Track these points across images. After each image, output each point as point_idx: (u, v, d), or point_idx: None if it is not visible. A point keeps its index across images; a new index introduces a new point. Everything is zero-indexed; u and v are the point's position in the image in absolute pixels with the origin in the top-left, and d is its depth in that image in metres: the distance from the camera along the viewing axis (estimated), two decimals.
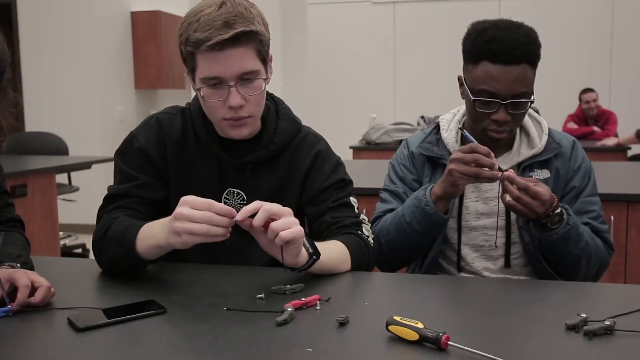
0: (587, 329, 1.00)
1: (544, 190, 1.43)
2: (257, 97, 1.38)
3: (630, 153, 5.69)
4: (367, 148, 5.69)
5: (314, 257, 1.25)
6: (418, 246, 1.62)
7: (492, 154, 1.45)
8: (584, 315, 1.04)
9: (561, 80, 6.90)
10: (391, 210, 1.66)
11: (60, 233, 4.94)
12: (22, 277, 1.16)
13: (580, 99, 6.47)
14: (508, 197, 1.44)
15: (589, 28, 7.10)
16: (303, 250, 1.24)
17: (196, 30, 1.30)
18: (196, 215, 1.14)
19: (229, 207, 1.16)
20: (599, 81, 6.99)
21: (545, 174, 1.61)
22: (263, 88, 1.39)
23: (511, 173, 1.44)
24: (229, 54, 1.31)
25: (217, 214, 1.14)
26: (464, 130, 1.60)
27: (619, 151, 5.61)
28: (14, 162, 3.99)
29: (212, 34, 1.29)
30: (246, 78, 1.35)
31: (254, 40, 1.34)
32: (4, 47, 1.11)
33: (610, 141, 5.74)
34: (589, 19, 7.09)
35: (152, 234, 1.26)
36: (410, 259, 1.70)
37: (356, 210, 1.51)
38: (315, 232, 1.46)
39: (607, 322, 1.01)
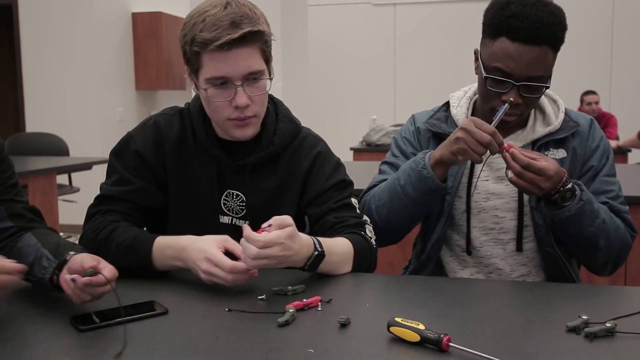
0: (588, 330, 1.00)
1: (548, 164, 1.35)
2: (262, 97, 1.39)
3: (634, 160, 5.69)
4: (368, 149, 5.70)
5: (305, 269, 1.27)
6: (409, 214, 1.54)
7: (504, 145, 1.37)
8: (585, 317, 1.04)
9: (561, 83, 6.86)
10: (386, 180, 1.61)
11: (61, 234, 4.94)
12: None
13: (582, 100, 6.48)
14: (511, 173, 1.38)
15: (589, 31, 7.10)
16: (304, 251, 1.24)
17: (202, 30, 1.30)
18: (221, 275, 1.21)
19: (242, 265, 1.19)
20: (600, 84, 7.00)
21: (561, 153, 1.54)
22: (268, 88, 1.40)
23: (514, 148, 1.36)
24: (236, 54, 1.32)
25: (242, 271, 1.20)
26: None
27: (620, 153, 5.61)
28: (15, 162, 3.97)
29: (219, 33, 1.29)
30: (252, 78, 1.36)
31: (260, 40, 1.35)
32: None
33: (611, 143, 5.74)
34: (589, 21, 7.10)
35: (171, 258, 1.31)
36: (400, 231, 1.62)
37: (358, 211, 1.51)
38: (319, 232, 1.46)
39: (608, 324, 1.01)
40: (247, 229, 1.18)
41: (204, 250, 1.22)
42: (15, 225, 1.33)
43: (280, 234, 1.18)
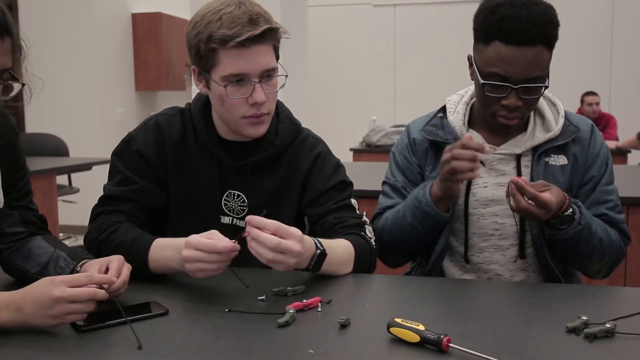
0: (588, 331, 1.01)
1: (551, 198, 1.36)
2: (275, 94, 1.42)
3: (633, 161, 5.69)
4: (367, 150, 5.70)
5: (310, 269, 1.27)
6: (422, 243, 1.58)
7: (486, 147, 1.39)
8: (584, 317, 1.04)
9: (561, 83, 6.89)
10: (392, 206, 1.62)
11: (60, 234, 4.94)
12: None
13: (582, 101, 6.47)
14: (512, 201, 1.38)
15: (589, 31, 7.11)
16: (307, 250, 1.24)
17: (220, 27, 1.31)
18: (203, 258, 1.17)
19: (231, 245, 1.17)
20: (599, 84, 7.00)
21: (562, 160, 1.53)
22: (283, 84, 1.41)
23: (521, 180, 1.36)
24: (254, 51, 1.33)
25: (222, 252, 1.17)
26: (445, 121, 1.51)
27: (619, 154, 5.61)
28: None
29: (240, 30, 1.30)
30: (267, 75, 1.37)
31: (274, 38, 1.37)
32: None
33: (611, 144, 5.75)
34: (589, 22, 7.10)
35: (167, 258, 1.29)
36: (415, 254, 1.67)
37: (357, 211, 1.51)
38: (318, 232, 1.46)
39: (607, 325, 1.01)
40: (254, 230, 1.15)
41: (187, 241, 1.20)
42: (27, 231, 1.39)
43: (292, 228, 1.17)
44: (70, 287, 1.04)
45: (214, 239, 1.19)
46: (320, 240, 1.29)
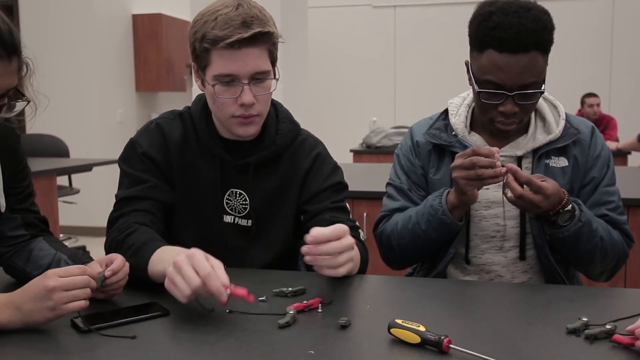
0: (588, 332, 1.01)
1: (546, 184, 1.36)
2: (266, 96, 1.42)
3: (634, 162, 5.69)
4: (368, 151, 5.70)
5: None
6: (431, 249, 1.58)
7: (496, 154, 1.38)
8: (585, 319, 1.04)
9: (561, 84, 6.90)
10: (398, 209, 1.61)
11: (61, 235, 4.94)
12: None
13: (583, 102, 6.48)
14: (510, 193, 1.39)
15: (589, 33, 7.11)
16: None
17: (214, 28, 1.33)
18: (188, 275, 1.06)
19: (221, 288, 1.05)
20: (599, 86, 7.00)
21: (562, 162, 1.53)
22: (273, 88, 1.42)
23: (515, 166, 1.37)
24: (245, 53, 1.34)
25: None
26: (460, 137, 1.52)
27: (619, 156, 5.61)
28: None
29: (231, 32, 1.32)
30: (258, 78, 1.38)
31: (269, 41, 1.38)
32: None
33: (611, 145, 5.75)
34: (589, 23, 7.11)
35: (162, 261, 1.22)
36: (423, 259, 1.66)
37: (350, 215, 1.53)
38: None
39: (608, 326, 1.01)
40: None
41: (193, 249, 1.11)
42: (29, 233, 1.40)
43: (339, 227, 1.20)
44: (62, 277, 1.03)
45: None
46: None
